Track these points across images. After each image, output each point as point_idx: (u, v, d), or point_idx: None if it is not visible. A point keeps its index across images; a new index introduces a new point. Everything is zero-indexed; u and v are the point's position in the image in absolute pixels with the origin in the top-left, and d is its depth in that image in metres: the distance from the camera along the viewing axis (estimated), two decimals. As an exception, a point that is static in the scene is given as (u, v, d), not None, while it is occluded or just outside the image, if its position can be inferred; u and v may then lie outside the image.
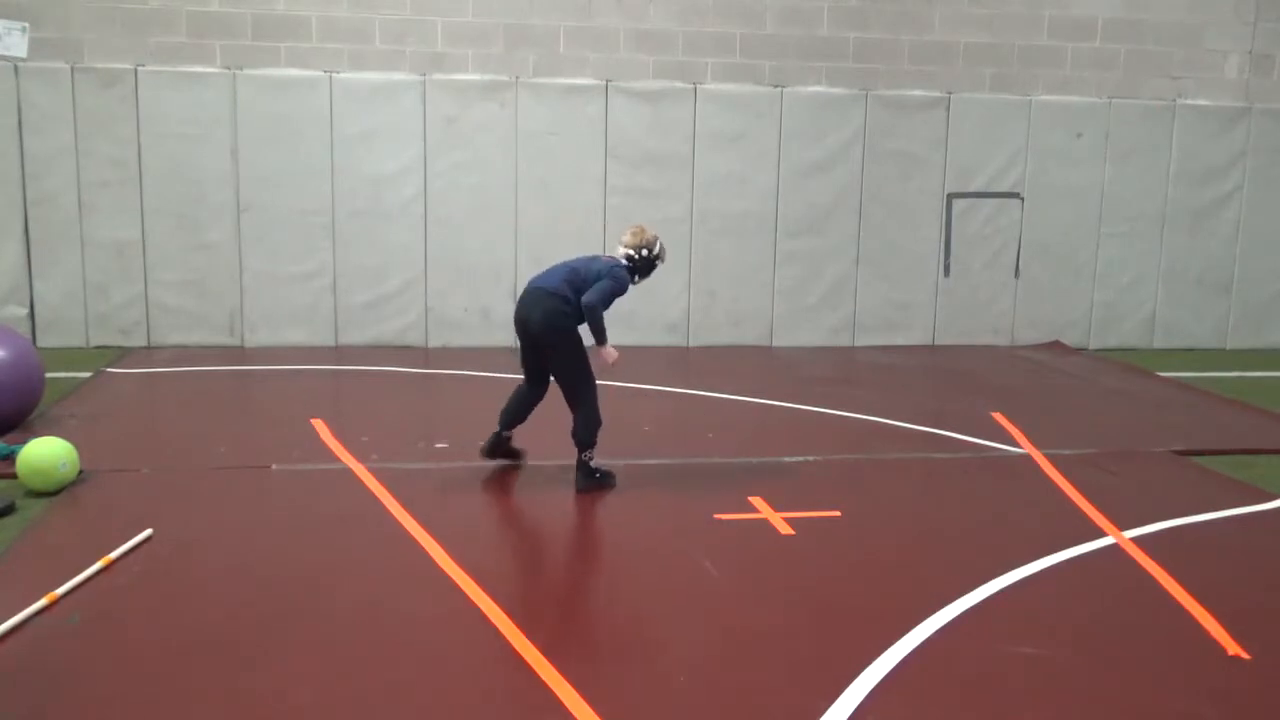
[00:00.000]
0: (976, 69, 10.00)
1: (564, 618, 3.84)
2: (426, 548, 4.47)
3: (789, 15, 9.70)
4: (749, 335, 9.76)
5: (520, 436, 6.49)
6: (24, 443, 5.25)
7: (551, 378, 5.55)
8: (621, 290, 5.42)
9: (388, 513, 4.91)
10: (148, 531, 4.49)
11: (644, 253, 5.50)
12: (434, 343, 9.26)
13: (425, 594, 4.07)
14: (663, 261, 5.63)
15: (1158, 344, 10.27)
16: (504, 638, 3.64)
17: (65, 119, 8.63)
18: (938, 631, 3.77)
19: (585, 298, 5.26)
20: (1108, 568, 4.47)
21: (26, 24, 8.67)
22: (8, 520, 4.70)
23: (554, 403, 7.40)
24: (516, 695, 3.27)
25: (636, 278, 5.54)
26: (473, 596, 3.98)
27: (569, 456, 5.98)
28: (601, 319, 5.29)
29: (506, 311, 9.16)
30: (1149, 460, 6.20)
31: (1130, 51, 10.18)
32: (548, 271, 5.52)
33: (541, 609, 3.91)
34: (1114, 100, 9.99)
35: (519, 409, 5.72)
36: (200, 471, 5.51)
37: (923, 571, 4.41)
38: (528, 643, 3.58)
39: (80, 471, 5.24)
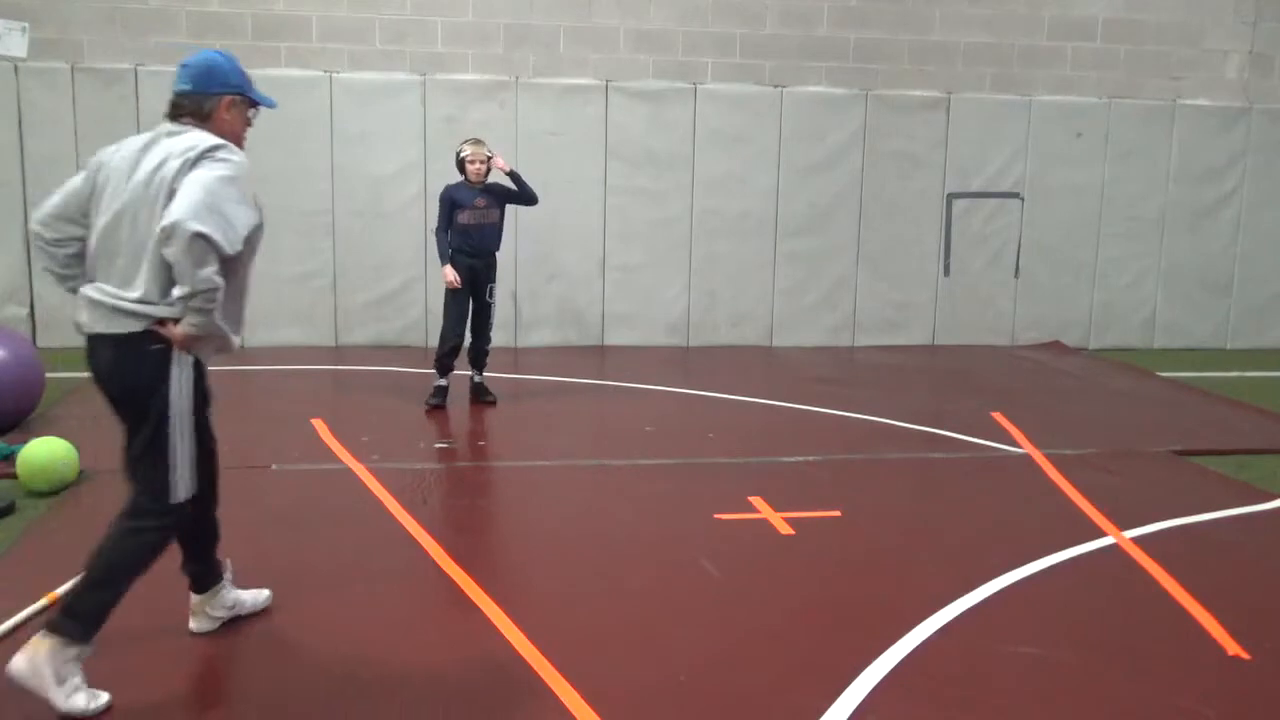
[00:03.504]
0: (976, 69, 10.00)
1: (564, 617, 3.84)
2: (426, 548, 4.48)
3: (789, 15, 9.70)
4: (749, 335, 9.76)
5: (520, 437, 6.51)
6: (24, 443, 5.25)
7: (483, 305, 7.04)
8: (442, 211, 6.83)
9: (388, 513, 4.91)
10: (148, 531, 4.48)
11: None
12: (434, 342, 9.23)
13: (425, 594, 4.07)
14: (464, 157, 6.84)
15: (1158, 344, 10.27)
16: (504, 637, 3.64)
17: (65, 119, 8.63)
18: (938, 631, 3.77)
19: None
20: (1108, 568, 4.47)
21: (26, 24, 8.67)
22: (8, 520, 4.70)
23: (552, 406, 7.40)
24: (516, 694, 3.27)
25: (466, 183, 6.85)
26: (472, 596, 3.98)
27: (568, 456, 6.00)
28: (438, 241, 6.86)
29: (507, 311, 9.20)
30: (1149, 460, 6.20)
31: (1130, 51, 10.18)
32: None
33: (542, 608, 3.91)
34: (1114, 100, 9.99)
35: None
36: (200, 471, 5.50)
37: (923, 571, 4.41)
38: (528, 642, 3.59)
39: (80, 471, 5.24)
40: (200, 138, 3.17)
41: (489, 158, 6.85)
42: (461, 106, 9.05)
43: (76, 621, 3.05)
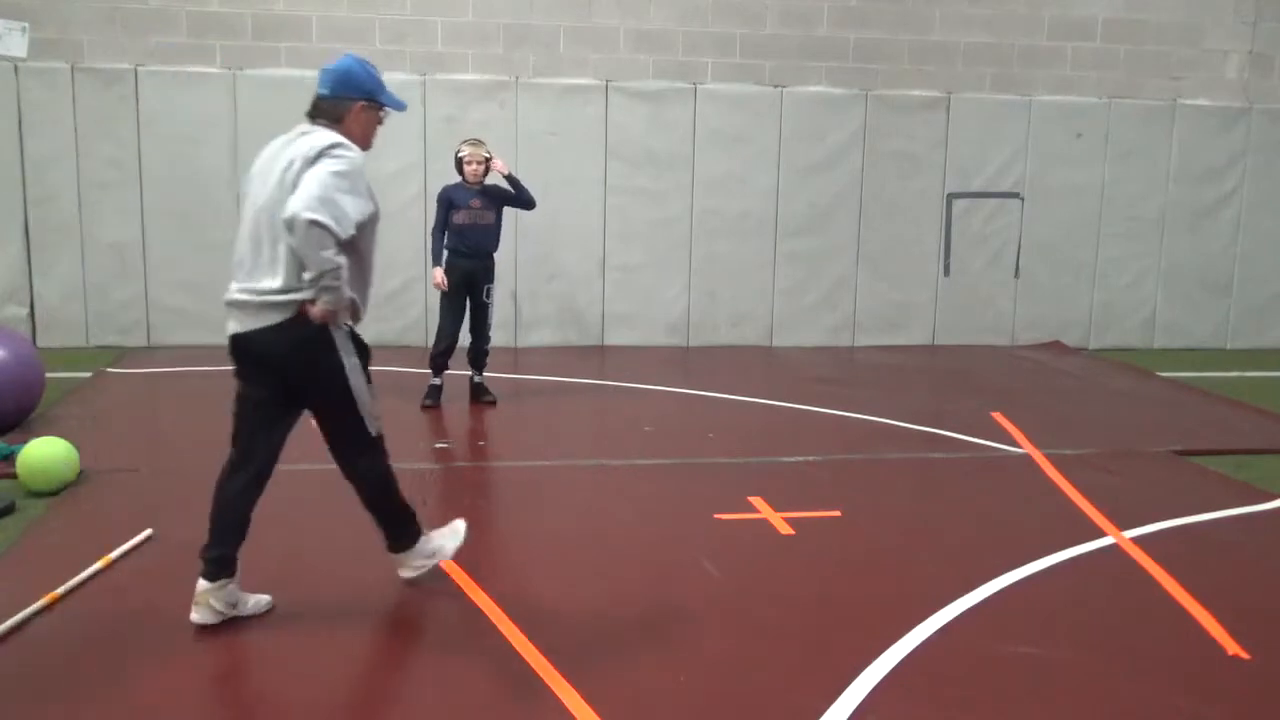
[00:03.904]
0: (976, 69, 10.00)
1: (564, 617, 3.84)
2: (426, 548, 4.47)
3: (789, 15, 9.69)
4: (749, 335, 9.76)
5: (520, 437, 6.51)
6: (24, 443, 5.25)
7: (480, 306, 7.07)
8: (439, 211, 6.90)
9: (388, 513, 4.90)
10: (148, 531, 4.49)
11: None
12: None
13: (425, 594, 4.07)
14: (462, 157, 6.90)
15: (1158, 344, 10.27)
16: (504, 637, 3.64)
17: (65, 119, 8.63)
18: (938, 631, 3.77)
19: None
20: (1108, 568, 4.48)
21: (26, 24, 8.66)
22: (8, 520, 4.70)
23: (552, 406, 7.40)
24: (516, 695, 3.27)
25: (464, 182, 6.92)
26: (473, 596, 3.98)
27: (568, 456, 6.00)
28: (432, 242, 6.95)
29: (507, 311, 9.20)
30: (1149, 460, 6.20)
31: (1130, 51, 10.17)
32: None
33: (541, 608, 3.91)
34: (1114, 100, 9.99)
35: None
36: (200, 472, 5.45)
37: (923, 571, 4.41)
38: (528, 642, 3.59)
39: (80, 471, 5.24)
40: (323, 138, 3.53)
41: (487, 159, 6.87)
42: (461, 106, 9.05)
43: (402, 532, 4.00)
